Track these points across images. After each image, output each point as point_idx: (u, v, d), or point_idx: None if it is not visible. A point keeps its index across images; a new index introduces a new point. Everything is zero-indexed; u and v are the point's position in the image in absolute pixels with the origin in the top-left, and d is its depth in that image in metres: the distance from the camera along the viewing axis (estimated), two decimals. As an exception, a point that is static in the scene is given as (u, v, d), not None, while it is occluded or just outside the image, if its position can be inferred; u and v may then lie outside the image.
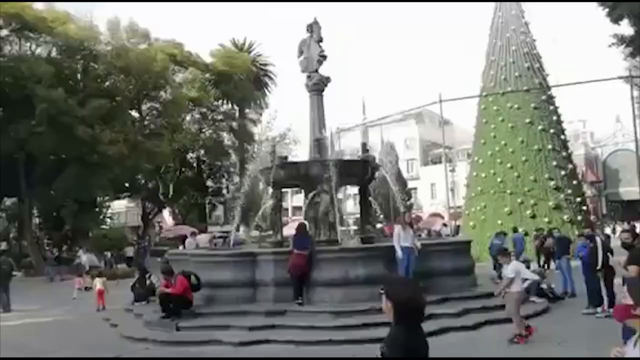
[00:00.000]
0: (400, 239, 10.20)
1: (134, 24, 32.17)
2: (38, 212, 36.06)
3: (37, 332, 10.75)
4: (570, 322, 9.32)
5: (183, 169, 40.83)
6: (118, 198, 41.68)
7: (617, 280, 8.52)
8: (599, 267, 9.72)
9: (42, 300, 15.85)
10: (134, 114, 34.42)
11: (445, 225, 26.34)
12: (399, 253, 10.07)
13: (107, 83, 30.95)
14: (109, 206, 38.15)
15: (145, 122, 34.99)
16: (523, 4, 25.94)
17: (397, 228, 10.56)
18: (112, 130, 27.96)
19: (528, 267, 11.57)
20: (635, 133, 23.72)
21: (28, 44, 29.62)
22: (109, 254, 28.89)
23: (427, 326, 8.90)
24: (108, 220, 39.42)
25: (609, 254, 9.68)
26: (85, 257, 23.29)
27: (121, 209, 58.99)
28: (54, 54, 30.01)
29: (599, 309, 9.66)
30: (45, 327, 11.32)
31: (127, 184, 37.27)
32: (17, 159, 27.35)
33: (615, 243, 12.31)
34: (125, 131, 29.68)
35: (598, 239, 10.12)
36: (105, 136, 27.06)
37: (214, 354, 8.09)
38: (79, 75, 30.77)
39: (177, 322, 9.54)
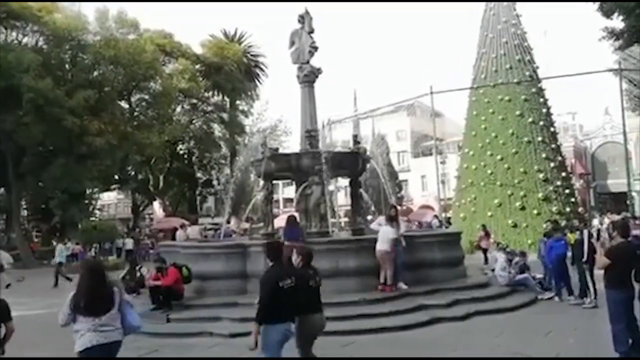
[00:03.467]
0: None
1: (122, 14, 31.76)
2: (26, 203, 35.74)
3: (22, 324, 10.62)
4: (557, 312, 9.43)
5: (173, 161, 40.57)
6: (108, 190, 41.39)
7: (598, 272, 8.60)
8: (584, 259, 9.87)
9: (28, 293, 15.71)
10: (123, 104, 34.11)
11: (436, 216, 26.47)
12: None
13: (95, 73, 30.59)
14: (98, 198, 37.85)
15: (135, 113, 34.69)
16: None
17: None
18: (100, 122, 27.70)
19: (511, 259, 11.70)
20: (624, 125, 23.95)
21: (14, 34, 29.18)
22: (97, 246, 28.69)
23: (418, 317, 9.07)
24: (97, 212, 39.13)
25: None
26: None
27: (111, 201, 58.70)
28: (41, 43, 29.60)
29: (586, 300, 9.80)
30: (31, 319, 11.20)
31: (116, 176, 37.02)
32: (5, 150, 27.03)
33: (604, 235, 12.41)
34: (115, 122, 29.42)
35: (585, 232, 10.25)
36: (94, 127, 26.81)
37: (204, 346, 8.08)
38: (66, 66, 30.39)
39: (167, 314, 9.51)
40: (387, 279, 9.86)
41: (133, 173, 39.48)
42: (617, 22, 19.01)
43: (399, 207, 12.62)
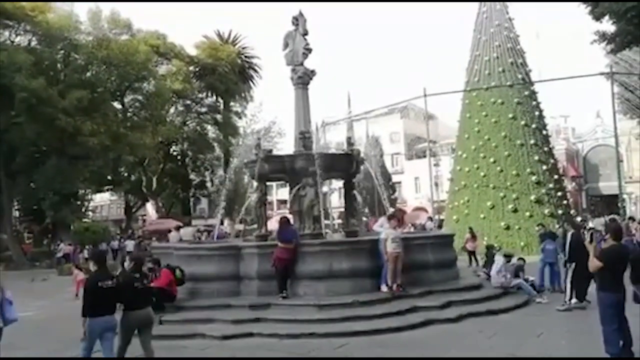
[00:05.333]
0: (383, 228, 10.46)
1: (115, 14, 31.63)
2: (18, 204, 35.46)
3: (15, 326, 10.54)
4: (549, 314, 9.48)
5: (166, 162, 40.42)
6: (100, 191, 41.16)
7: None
8: (567, 260, 9.95)
9: (21, 294, 15.58)
10: (117, 105, 33.95)
11: (430, 218, 26.54)
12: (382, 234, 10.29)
13: (88, 74, 30.42)
14: (90, 199, 37.61)
15: (128, 114, 34.54)
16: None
17: (382, 220, 10.97)
18: (93, 122, 27.55)
19: (509, 262, 11.73)
20: (615, 129, 24.13)
21: (7, 33, 28.97)
22: (89, 247, 28.51)
23: (412, 318, 9.09)
24: (90, 213, 38.90)
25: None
26: None
27: (104, 202, 58.39)
28: (33, 43, 29.42)
29: (574, 301, 9.82)
30: (24, 321, 11.11)
31: (109, 177, 36.83)
32: (-3, 150, 26.79)
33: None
34: (107, 123, 29.28)
35: (569, 235, 10.28)
36: (86, 128, 26.65)
37: (197, 348, 8.06)
38: (59, 66, 30.21)
39: (160, 315, 9.45)
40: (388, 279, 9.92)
41: (126, 174, 39.30)
42: (608, 26, 19.16)
43: (391, 209, 12.64)
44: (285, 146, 35.49)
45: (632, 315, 6.39)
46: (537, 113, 24.69)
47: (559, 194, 23.56)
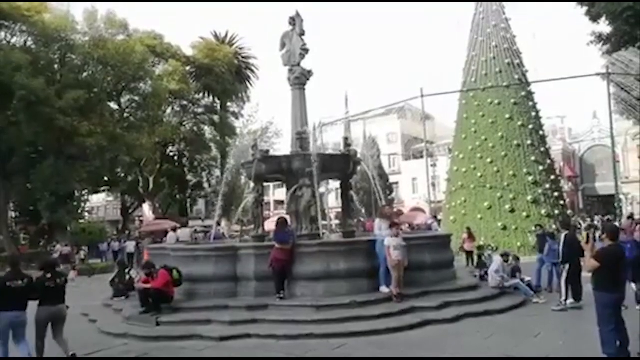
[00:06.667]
0: (382, 231, 10.40)
1: (112, 14, 31.55)
2: (14, 205, 35.34)
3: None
4: (546, 314, 9.49)
5: (163, 163, 40.33)
6: (97, 192, 41.03)
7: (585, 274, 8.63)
8: (560, 261, 9.99)
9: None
10: (113, 106, 33.87)
11: (435, 217, 26.54)
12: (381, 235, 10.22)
13: (84, 74, 30.33)
14: (87, 200, 37.55)
15: (125, 115, 34.45)
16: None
17: (378, 221, 10.91)
18: (90, 123, 27.48)
19: (506, 261, 11.75)
20: (612, 129, 24.21)
21: (3, 34, 28.88)
22: (86, 249, 28.50)
23: (409, 319, 9.09)
24: (86, 214, 38.77)
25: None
26: None
27: (100, 203, 58.27)
28: (29, 43, 29.35)
29: (568, 302, 9.82)
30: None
31: (106, 177, 36.73)
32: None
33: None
34: (104, 123, 29.19)
35: (562, 235, 10.30)
36: (83, 128, 26.58)
37: (194, 349, 8.04)
38: (55, 66, 30.12)
39: (157, 317, 9.44)
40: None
41: (123, 175, 39.19)
42: (604, 27, 19.29)
43: (389, 209, 12.61)
44: (283, 147, 35.48)
45: (632, 315, 6.37)
46: (533, 113, 24.74)
47: (556, 194, 23.61)
